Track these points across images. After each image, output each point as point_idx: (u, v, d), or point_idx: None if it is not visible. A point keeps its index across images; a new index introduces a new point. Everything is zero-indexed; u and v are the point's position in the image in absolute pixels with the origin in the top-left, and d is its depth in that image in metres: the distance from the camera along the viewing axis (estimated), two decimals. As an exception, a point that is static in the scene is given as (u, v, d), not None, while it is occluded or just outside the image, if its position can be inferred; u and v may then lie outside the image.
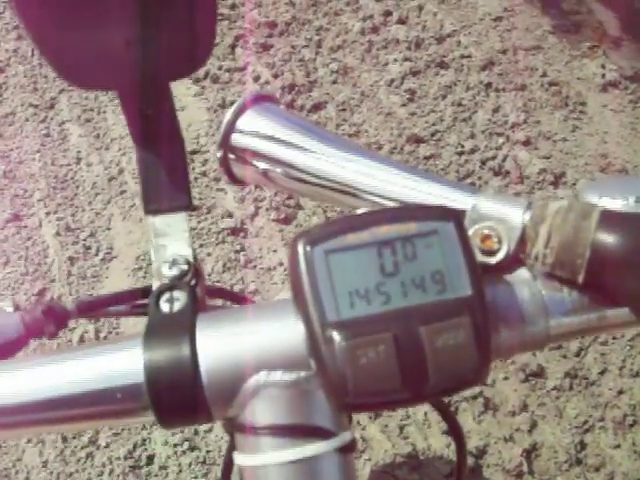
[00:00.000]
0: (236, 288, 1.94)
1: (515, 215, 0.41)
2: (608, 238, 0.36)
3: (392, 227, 0.37)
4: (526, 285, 0.40)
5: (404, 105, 2.56)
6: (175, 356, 0.38)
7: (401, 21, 2.95)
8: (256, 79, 2.60)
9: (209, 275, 1.99)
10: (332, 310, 0.35)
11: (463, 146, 2.41)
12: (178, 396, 0.38)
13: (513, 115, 2.57)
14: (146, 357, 0.38)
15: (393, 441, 1.68)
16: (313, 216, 2.13)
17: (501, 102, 2.63)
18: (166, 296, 0.42)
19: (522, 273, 0.41)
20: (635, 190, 0.39)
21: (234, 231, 2.10)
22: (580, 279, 0.38)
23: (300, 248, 0.36)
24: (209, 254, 2.05)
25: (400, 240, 0.37)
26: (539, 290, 0.40)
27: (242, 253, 2.05)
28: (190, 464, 1.65)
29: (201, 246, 2.07)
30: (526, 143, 2.48)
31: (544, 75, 2.85)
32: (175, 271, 0.44)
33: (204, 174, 2.26)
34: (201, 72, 2.62)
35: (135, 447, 1.68)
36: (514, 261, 0.41)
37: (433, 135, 2.45)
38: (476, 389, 1.75)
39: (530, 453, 1.69)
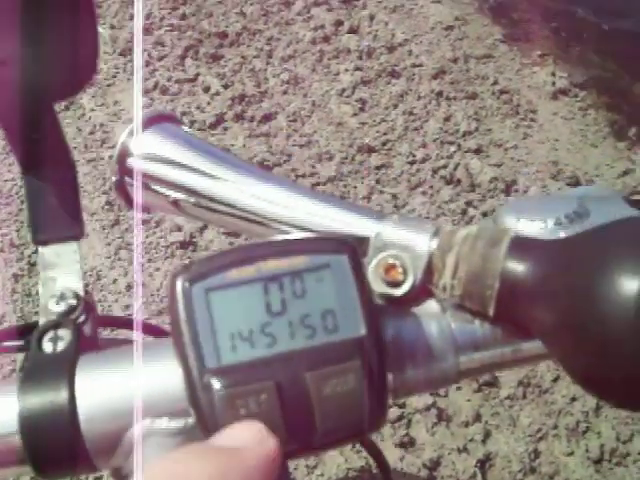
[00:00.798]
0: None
1: (421, 242, 0.39)
2: (518, 267, 0.34)
3: (280, 261, 0.34)
4: (434, 318, 0.38)
5: (355, 115, 2.55)
6: (52, 402, 0.35)
7: (352, 30, 2.95)
8: (206, 90, 2.58)
9: (158, 290, 1.95)
10: (211, 355, 0.32)
11: (414, 155, 2.40)
12: (56, 446, 0.35)
13: (464, 123, 2.58)
14: (21, 403, 0.35)
15: (346, 455, 1.65)
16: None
17: (452, 111, 2.64)
18: (50, 335, 0.39)
19: (430, 305, 0.38)
20: (554, 212, 0.36)
21: (183, 245, 2.07)
22: (490, 311, 0.36)
23: (178, 286, 0.33)
24: (157, 269, 2.01)
25: (289, 275, 0.34)
26: (448, 323, 0.38)
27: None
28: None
29: (149, 261, 2.03)
30: (477, 151, 2.49)
31: (495, 83, 2.86)
32: (63, 307, 0.41)
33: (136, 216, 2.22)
34: (150, 83, 2.58)
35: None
36: (422, 292, 0.38)
37: (384, 144, 2.44)
38: (429, 399, 1.74)
39: (484, 463, 1.68)
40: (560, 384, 1.83)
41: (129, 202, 0.53)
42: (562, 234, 0.35)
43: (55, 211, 0.43)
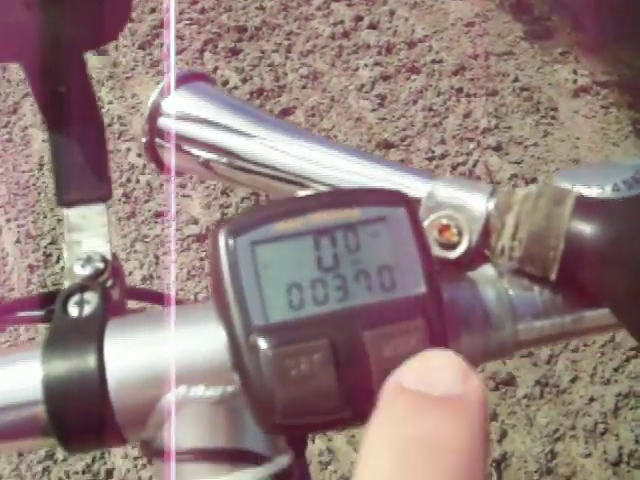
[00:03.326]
0: (200, 296, 1.90)
1: (477, 203, 0.36)
2: (585, 227, 0.32)
3: (331, 213, 0.31)
4: (491, 283, 0.36)
5: (374, 110, 2.54)
6: (79, 368, 0.32)
7: (372, 26, 2.93)
8: (224, 83, 2.57)
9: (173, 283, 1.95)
10: (258, 313, 0.30)
11: (434, 151, 2.38)
12: (83, 416, 0.32)
13: (484, 120, 2.55)
14: (45, 369, 0.33)
15: (360, 452, 1.64)
16: (280, 222, 2.09)
17: (472, 107, 2.61)
18: (75, 298, 0.36)
19: (486, 270, 0.36)
20: (612, 177, 0.34)
21: (199, 238, 2.06)
22: (553, 276, 0.34)
23: (221, 239, 0.31)
24: (174, 262, 2.01)
25: (341, 228, 0.31)
26: (506, 289, 0.35)
27: (207, 260, 2.00)
28: (150, 478, 1.60)
29: (165, 254, 2.02)
30: (497, 148, 2.46)
31: (515, 80, 2.84)
32: (89, 270, 0.38)
33: (168, 179, 2.22)
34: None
35: (94, 460, 1.63)
36: (477, 256, 0.36)
37: (403, 140, 2.42)
38: (445, 398, 1.72)
39: (500, 463, 1.66)
40: (578, 384, 1.81)
41: (159, 164, 0.51)
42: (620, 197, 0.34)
43: (81, 171, 0.41)
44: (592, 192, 0.34)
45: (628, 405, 1.78)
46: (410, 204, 0.33)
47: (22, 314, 0.45)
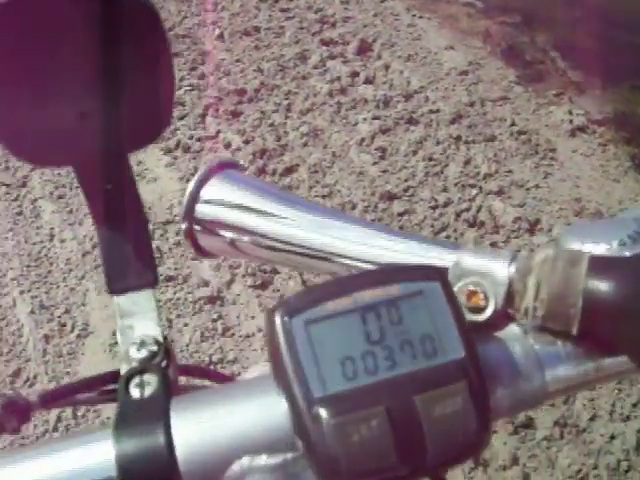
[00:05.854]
0: (215, 357, 1.91)
1: (500, 268, 0.40)
2: (600, 285, 0.35)
3: (375, 291, 0.35)
4: (518, 341, 0.39)
5: (376, 163, 2.58)
6: (149, 446, 0.35)
7: (368, 81, 3.00)
8: (227, 146, 2.62)
9: (187, 345, 1.96)
10: (317, 385, 0.33)
11: (436, 200, 2.42)
12: None
13: (484, 166, 2.59)
14: (117, 449, 0.35)
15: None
16: (289, 280, 2.12)
17: (472, 154, 2.66)
18: (136, 381, 0.39)
19: (512, 329, 0.39)
20: (617, 233, 0.38)
21: (211, 299, 2.09)
22: (574, 330, 0.36)
23: (278, 319, 0.34)
24: (186, 324, 2.02)
25: (384, 304, 0.35)
26: (531, 345, 0.38)
27: (220, 322, 2.03)
28: None
29: (178, 316, 2.04)
30: (499, 193, 2.50)
31: (513, 125, 2.89)
32: (144, 353, 0.41)
33: (178, 244, 2.26)
34: (172, 142, 2.63)
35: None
36: (503, 316, 0.40)
37: (406, 191, 2.46)
38: (465, 445, 1.72)
39: (524, 508, 1.65)
40: (598, 422, 1.80)
41: (198, 249, 0.55)
42: (627, 253, 0.37)
43: (129, 261, 0.44)
44: (601, 249, 0.37)
45: (650, 440, 1.77)
46: (444, 277, 0.37)
47: (80, 396, 0.48)
